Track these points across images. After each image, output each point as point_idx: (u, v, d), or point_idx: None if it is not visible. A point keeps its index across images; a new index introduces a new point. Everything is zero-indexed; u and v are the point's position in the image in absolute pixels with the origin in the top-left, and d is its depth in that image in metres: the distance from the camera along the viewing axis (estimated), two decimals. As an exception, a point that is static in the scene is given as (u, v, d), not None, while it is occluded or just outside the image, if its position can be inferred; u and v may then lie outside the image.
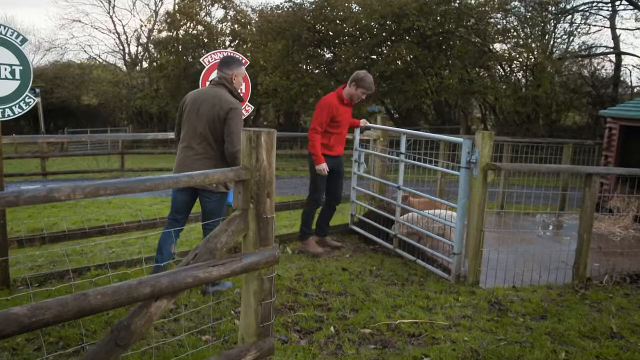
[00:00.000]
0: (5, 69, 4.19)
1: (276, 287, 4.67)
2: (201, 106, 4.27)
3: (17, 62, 4.25)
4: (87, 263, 5.76)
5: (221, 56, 5.50)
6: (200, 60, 5.50)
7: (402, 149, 5.62)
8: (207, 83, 5.42)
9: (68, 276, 4.94)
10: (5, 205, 2.09)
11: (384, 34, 20.01)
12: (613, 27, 18.97)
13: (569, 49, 19.58)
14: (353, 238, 6.61)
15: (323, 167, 5.53)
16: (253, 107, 5.84)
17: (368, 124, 6.28)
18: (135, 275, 4.91)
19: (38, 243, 4.82)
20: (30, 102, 4.37)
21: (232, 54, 5.58)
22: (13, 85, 4.25)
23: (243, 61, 5.62)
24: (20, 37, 4.25)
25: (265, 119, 30.88)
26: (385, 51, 20.39)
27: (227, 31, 29.13)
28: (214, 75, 5.47)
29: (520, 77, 19.88)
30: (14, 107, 4.28)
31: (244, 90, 4.58)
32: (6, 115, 4.25)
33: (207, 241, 2.78)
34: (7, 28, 4.16)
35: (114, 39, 49.70)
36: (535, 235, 6.92)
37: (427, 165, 5.51)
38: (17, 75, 4.26)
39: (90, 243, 5.97)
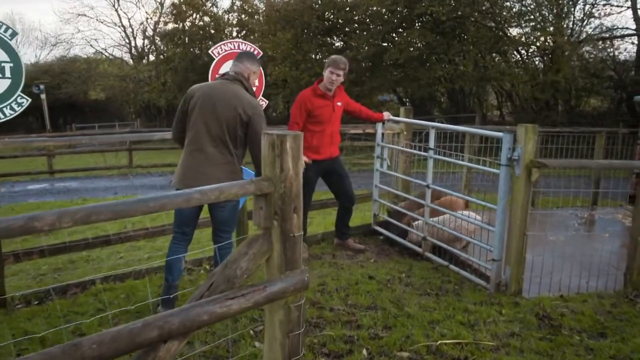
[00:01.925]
0: (-6, 67, 3.76)
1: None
2: (217, 104, 3.76)
3: (7, 59, 3.82)
4: (92, 272, 5.38)
5: (231, 47, 5.06)
6: (210, 51, 5.06)
7: (431, 144, 5.14)
8: (217, 77, 4.98)
9: (71, 291, 4.53)
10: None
11: (395, 20, 19.44)
12: (635, 8, 18.21)
13: (589, 32, 18.90)
14: (376, 240, 6.16)
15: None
16: (267, 102, 5.38)
17: (392, 117, 5.81)
18: (144, 288, 4.50)
19: (37, 257, 4.41)
20: (23, 102, 3.95)
21: (244, 44, 5.14)
22: (3, 84, 3.82)
23: (255, 52, 5.17)
24: (10, 31, 3.82)
25: (274, 110, 30.39)
26: (397, 38, 19.83)
27: (234, 22, 28.66)
28: (225, 67, 5.03)
29: (537, 62, 19.24)
30: (4, 109, 3.86)
31: (256, 84, 4.17)
32: (-4, 118, 3.83)
33: (224, 267, 2.34)
34: (-7, 20, 3.72)
35: (120, 33, 49.36)
36: (571, 233, 6.44)
37: (461, 162, 5.03)
38: (8, 73, 3.83)
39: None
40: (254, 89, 4.05)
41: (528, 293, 4.38)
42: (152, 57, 34.74)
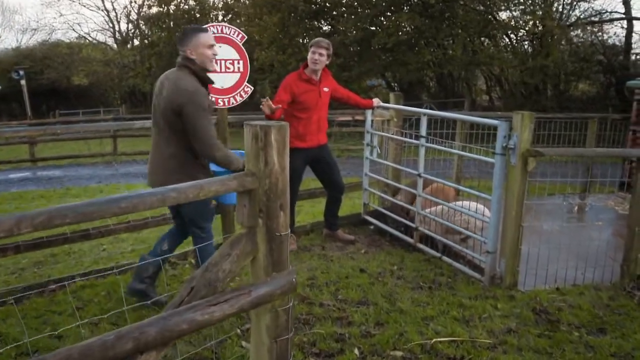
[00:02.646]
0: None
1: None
2: (161, 93, 3.55)
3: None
4: (74, 266, 5.18)
5: (215, 31, 4.81)
6: (192, 36, 4.81)
7: (423, 131, 4.97)
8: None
9: (49, 287, 4.33)
10: None
11: (383, 4, 19.14)
12: (623, -9, 18.08)
13: (578, 15, 18.75)
14: (366, 229, 6.01)
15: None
16: (252, 88, 5.16)
17: (382, 104, 5.62)
18: (125, 285, 4.31)
19: (12, 253, 4.19)
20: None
21: (227, 27, 4.91)
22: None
23: (239, 36, 4.94)
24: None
25: (262, 95, 30.03)
26: (385, 22, 19.56)
27: (220, 5, 28.14)
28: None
29: (527, 47, 19.08)
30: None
31: (209, 54, 3.56)
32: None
33: (205, 270, 2.17)
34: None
35: (103, 17, 48.43)
36: (564, 222, 6.32)
37: (454, 150, 4.87)
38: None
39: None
40: (206, 58, 3.55)
41: (524, 286, 4.26)
42: (136, 42, 34.09)
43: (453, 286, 4.34)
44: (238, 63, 4.96)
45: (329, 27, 22.35)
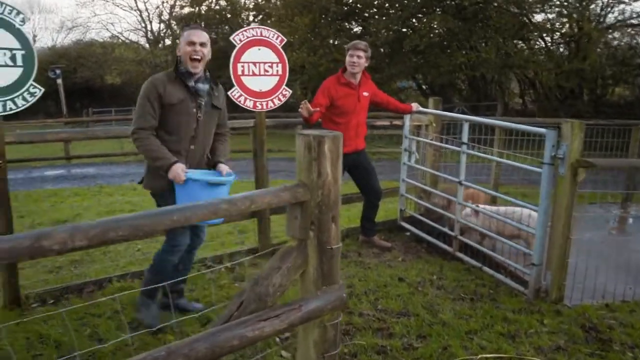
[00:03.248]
0: (5, 54, 3.52)
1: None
2: None
3: (19, 46, 3.58)
4: (110, 267, 5.18)
5: (254, 33, 4.78)
6: (231, 38, 4.78)
7: (464, 138, 4.85)
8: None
9: (88, 289, 4.33)
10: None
11: (415, 5, 18.96)
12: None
13: (617, 17, 18.27)
14: (402, 236, 5.90)
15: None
16: (290, 91, 5.11)
17: (421, 108, 5.51)
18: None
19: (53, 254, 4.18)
20: (36, 92, 3.72)
21: (266, 30, 4.86)
22: (15, 73, 3.59)
23: (278, 39, 4.88)
24: (21, 16, 3.58)
25: (292, 96, 30.04)
26: (417, 24, 19.36)
27: (251, 6, 28.26)
28: (247, 55, 4.77)
29: (562, 50, 18.66)
30: (16, 99, 3.63)
31: (186, 49, 3.41)
32: (7, 109, 3.60)
33: (254, 284, 2.10)
34: (4, 5, 3.48)
35: (136, 17, 49.08)
36: (607, 232, 6.12)
37: (500, 159, 4.73)
38: (19, 61, 3.60)
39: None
40: (185, 54, 3.42)
41: (570, 300, 4.10)
42: (168, 42, 34.49)
43: (495, 298, 4.21)
44: (277, 66, 4.92)
45: (360, 28, 22.25)
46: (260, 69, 4.85)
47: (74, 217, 7.61)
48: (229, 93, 4.53)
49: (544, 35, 18.70)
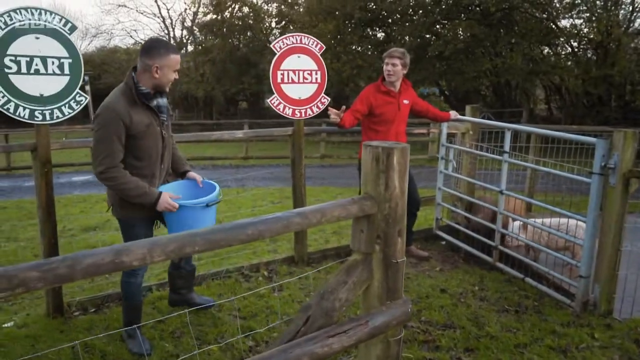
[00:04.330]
0: (53, 63, 3.54)
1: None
2: None
3: (66, 55, 3.60)
4: (146, 274, 5.18)
5: (293, 41, 4.76)
6: (271, 46, 4.77)
7: (506, 146, 4.77)
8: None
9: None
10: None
11: (439, 11, 18.86)
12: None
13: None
14: (438, 245, 5.83)
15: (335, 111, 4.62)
16: (329, 99, 5.08)
17: (459, 116, 5.44)
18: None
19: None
20: (82, 100, 3.73)
21: (306, 37, 4.83)
22: (62, 81, 3.61)
23: (318, 47, 4.86)
24: (69, 25, 3.60)
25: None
26: (441, 30, 19.26)
27: (274, 12, 28.37)
28: (287, 62, 4.75)
29: (590, 55, 18.39)
30: (63, 107, 3.64)
31: (171, 76, 3.22)
32: (55, 117, 3.62)
33: (321, 298, 2.06)
34: (53, 14, 3.50)
35: (159, 23, 49.65)
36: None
37: (547, 169, 4.63)
38: (67, 70, 3.61)
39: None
40: (167, 81, 3.23)
41: (619, 314, 3.99)
42: (190, 48, 34.79)
43: (541, 310, 4.12)
44: (316, 74, 4.89)
45: (384, 34, 22.19)
46: (300, 77, 4.83)
47: (104, 223, 7.65)
48: (267, 100, 4.52)
49: (571, 40, 18.46)
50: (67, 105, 3.66)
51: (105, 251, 1.49)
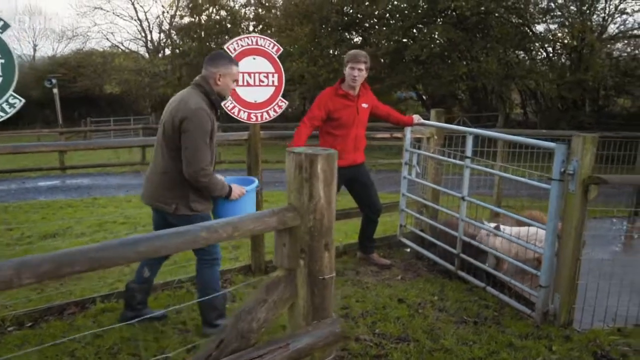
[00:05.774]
0: (-19, 63, 3.32)
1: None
2: (167, 109, 3.48)
3: (-3, 54, 3.38)
4: (97, 285, 4.95)
5: (249, 42, 4.58)
6: (225, 47, 4.57)
7: (469, 151, 4.64)
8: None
9: (69, 310, 4.11)
10: None
11: (416, 15, 18.84)
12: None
13: (620, 27, 18.12)
14: (402, 252, 5.68)
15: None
16: (286, 103, 4.91)
17: (422, 121, 5.30)
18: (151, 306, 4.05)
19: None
20: (16, 103, 3.51)
21: (262, 39, 4.66)
22: (-8, 82, 3.38)
23: (274, 48, 4.69)
24: (1, 23, 3.38)
25: (290, 107, 29.91)
26: (418, 34, 19.23)
27: (251, 16, 28.19)
28: (242, 65, 4.56)
29: (564, 60, 18.49)
30: (-7, 110, 3.41)
31: (232, 86, 3.62)
32: (-17, 121, 3.39)
33: (236, 319, 1.88)
34: (-21, 10, 3.28)
35: (136, 26, 48.99)
36: (615, 249, 5.89)
37: (503, 174, 4.51)
38: (-2, 71, 3.39)
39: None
40: (228, 89, 3.60)
41: (579, 324, 3.87)
42: (168, 51, 34.42)
43: (500, 321, 3.98)
44: (272, 76, 4.71)
45: (360, 38, 22.12)
46: (256, 80, 4.65)
47: (65, 230, 7.40)
48: (222, 104, 4.34)
49: (546, 45, 18.56)
50: (-2, 108, 3.44)
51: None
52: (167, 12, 34.16)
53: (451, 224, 5.11)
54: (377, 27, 20.10)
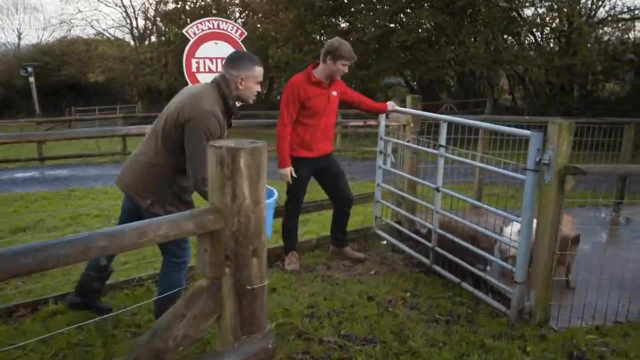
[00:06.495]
0: None
1: (283, 329, 3.56)
2: (173, 101, 3.19)
3: None
4: (60, 279, 4.70)
5: (210, 26, 4.32)
6: (184, 31, 4.32)
7: (442, 140, 4.41)
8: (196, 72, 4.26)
9: (18, 313, 3.87)
10: None
11: (403, 0, 18.51)
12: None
13: (608, 12, 17.90)
14: (378, 245, 5.47)
15: (287, 172, 4.45)
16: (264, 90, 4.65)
17: (397, 107, 5.07)
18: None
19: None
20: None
21: (223, 22, 4.40)
22: None
23: (238, 32, 4.44)
24: None
25: (279, 93, 29.54)
26: (405, 19, 18.93)
27: (236, 1, 27.72)
28: (201, 50, 4.31)
29: (553, 45, 18.27)
30: None
31: (256, 89, 3.27)
32: None
33: (152, 336, 1.65)
34: None
35: (121, 13, 48.25)
36: (598, 240, 5.70)
37: (479, 163, 4.30)
38: None
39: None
40: (252, 93, 3.28)
41: (556, 322, 3.67)
42: (153, 39, 33.89)
43: (474, 320, 3.78)
44: (236, 62, 4.45)
45: (347, 24, 21.78)
46: (218, 65, 4.41)
47: (36, 224, 7.15)
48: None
49: (534, 30, 18.31)
50: None
51: None
52: (153, -2, 33.56)
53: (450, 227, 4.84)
54: (363, 12, 19.75)
